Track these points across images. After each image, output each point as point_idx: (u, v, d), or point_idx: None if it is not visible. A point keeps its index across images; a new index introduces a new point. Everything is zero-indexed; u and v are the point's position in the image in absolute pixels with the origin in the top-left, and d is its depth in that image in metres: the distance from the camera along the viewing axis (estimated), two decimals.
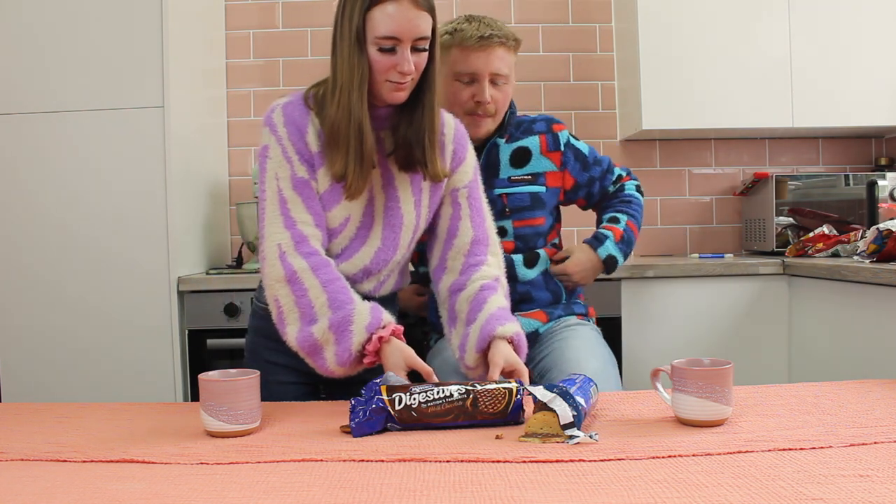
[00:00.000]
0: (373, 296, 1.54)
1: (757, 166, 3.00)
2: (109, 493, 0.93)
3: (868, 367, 1.97)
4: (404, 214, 1.53)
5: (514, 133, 1.88)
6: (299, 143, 1.45)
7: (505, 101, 1.80)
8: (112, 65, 2.28)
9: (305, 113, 1.47)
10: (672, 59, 2.66)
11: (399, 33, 1.38)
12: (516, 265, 1.83)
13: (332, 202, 1.48)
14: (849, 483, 0.90)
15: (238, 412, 1.17)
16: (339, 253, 1.51)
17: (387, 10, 1.37)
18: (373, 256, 1.52)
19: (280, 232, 1.43)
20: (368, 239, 1.52)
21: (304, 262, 1.41)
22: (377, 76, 1.42)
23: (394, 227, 1.53)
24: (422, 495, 0.89)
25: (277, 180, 1.45)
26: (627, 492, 0.89)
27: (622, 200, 1.95)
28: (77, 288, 2.29)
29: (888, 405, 1.27)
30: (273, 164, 1.45)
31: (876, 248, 2.05)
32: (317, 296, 1.40)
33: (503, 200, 1.82)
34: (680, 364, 1.19)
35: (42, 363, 2.30)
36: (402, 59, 1.39)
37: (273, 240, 1.43)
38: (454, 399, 1.20)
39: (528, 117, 1.92)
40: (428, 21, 1.42)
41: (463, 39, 1.75)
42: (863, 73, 2.66)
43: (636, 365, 2.31)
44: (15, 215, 2.29)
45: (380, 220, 1.52)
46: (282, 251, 1.41)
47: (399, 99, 1.45)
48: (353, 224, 1.50)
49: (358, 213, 1.50)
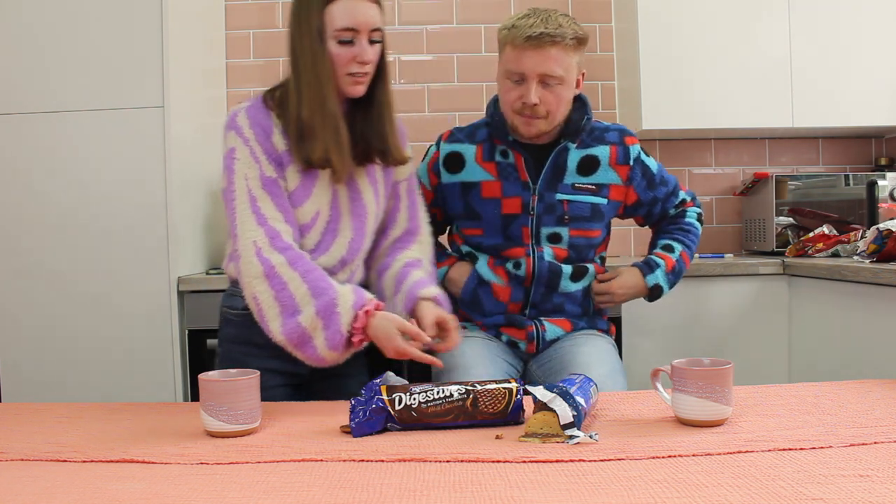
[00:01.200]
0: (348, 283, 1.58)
1: (757, 166, 3.00)
2: (109, 493, 0.93)
3: (868, 367, 1.97)
4: (367, 204, 1.60)
5: (586, 139, 1.81)
6: (266, 143, 1.50)
7: (559, 103, 1.69)
8: (112, 65, 2.27)
9: (268, 115, 1.52)
10: (672, 59, 2.66)
11: (357, 24, 1.46)
12: (563, 277, 1.80)
13: (303, 198, 1.53)
14: (849, 483, 0.90)
15: (238, 412, 1.17)
16: (314, 247, 1.55)
17: (344, 4, 1.46)
18: (348, 247, 1.58)
19: (254, 229, 1.46)
20: (339, 231, 1.57)
21: (281, 256, 1.44)
22: (338, 70, 1.49)
23: (360, 216, 1.59)
24: (422, 495, 0.89)
25: (247, 180, 1.48)
26: (627, 492, 0.89)
27: (681, 228, 1.92)
28: (77, 288, 2.29)
29: (888, 405, 1.27)
30: (241, 165, 1.49)
31: (876, 248, 2.05)
32: (297, 287, 1.43)
33: (563, 207, 1.77)
34: (680, 364, 1.19)
35: (42, 363, 2.30)
36: (361, 50, 1.48)
37: (248, 237, 1.45)
38: (454, 399, 1.20)
39: (601, 124, 1.85)
40: (379, 13, 1.50)
41: (515, 37, 1.65)
42: (863, 73, 2.66)
43: (636, 365, 2.30)
44: (15, 215, 2.29)
45: (346, 212, 1.58)
46: (257, 248, 1.44)
47: (358, 92, 1.52)
48: (322, 218, 1.55)
49: (326, 208, 1.55)
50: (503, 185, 1.77)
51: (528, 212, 1.77)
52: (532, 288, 1.79)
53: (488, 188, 1.78)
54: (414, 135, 2.93)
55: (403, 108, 2.95)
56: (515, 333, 1.81)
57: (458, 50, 2.97)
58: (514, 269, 1.78)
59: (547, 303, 1.81)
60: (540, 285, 1.79)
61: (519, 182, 1.77)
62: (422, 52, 2.97)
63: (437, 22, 2.97)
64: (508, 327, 1.82)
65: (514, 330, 1.81)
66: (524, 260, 1.78)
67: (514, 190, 1.77)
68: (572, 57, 1.68)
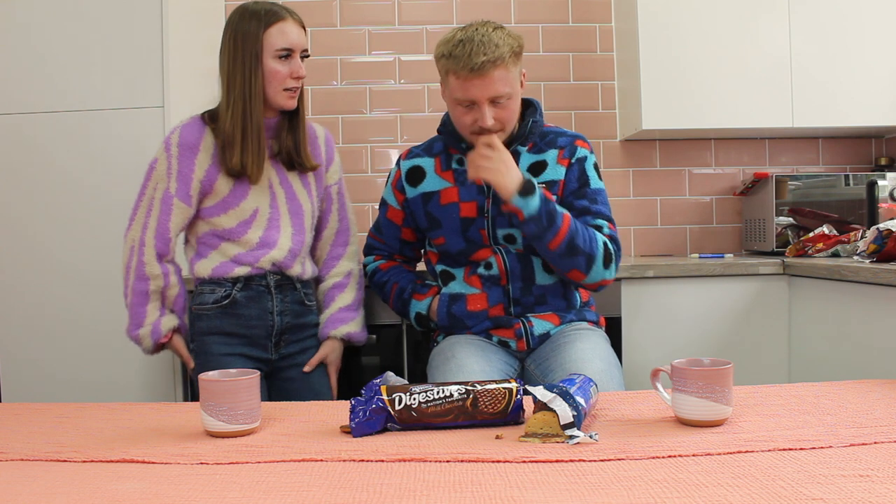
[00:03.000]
0: (301, 278, 1.90)
1: (757, 166, 3.00)
2: (109, 493, 0.93)
3: (868, 367, 1.97)
4: (302, 203, 1.89)
5: (539, 143, 1.85)
6: (186, 160, 1.79)
7: (510, 116, 1.75)
8: (112, 65, 2.28)
9: (201, 131, 1.82)
10: (672, 59, 2.66)
11: (292, 45, 1.78)
12: (536, 268, 1.83)
13: (240, 197, 1.82)
14: (849, 483, 0.90)
15: (238, 412, 1.17)
16: (259, 242, 1.83)
17: (282, 28, 1.76)
18: (292, 240, 1.86)
19: (138, 231, 1.82)
20: (281, 227, 1.85)
21: (138, 259, 1.83)
22: (275, 85, 1.77)
23: (298, 213, 1.88)
24: (422, 495, 0.89)
25: (154, 190, 1.81)
26: (627, 492, 0.89)
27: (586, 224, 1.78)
28: (77, 288, 2.29)
29: (888, 405, 1.27)
30: (156, 175, 1.81)
31: (876, 248, 2.05)
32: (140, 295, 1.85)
33: None
34: (680, 364, 1.19)
35: (42, 363, 2.30)
36: (297, 66, 1.79)
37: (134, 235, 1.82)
38: (454, 399, 1.20)
39: (557, 130, 1.88)
40: (305, 36, 1.83)
41: (457, 69, 1.68)
42: (863, 73, 2.66)
43: (636, 365, 2.30)
44: (15, 215, 2.29)
45: (285, 210, 1.86)
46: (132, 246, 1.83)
47: (293, 105, 1.81)
48: (263, 215, 1.84)
49: (266, 206, 1.84)
50: (460, 191, 1.84)
51: (483, 214, 1.82)
52: (509, 285, 1.83)
53: (446, 195, 1.85)
54: (414, 134, 2.96)
55: (403, 108, 2.96)
56: (504, 333, 1.84)
57: None
58: (486, 271, 1.83)
59: (528, 296, 1.84)
60: (516, 279, 1.83)
61: (474, 187, 1.83)
62: (422, 52, 2.97)
63: (437, 22, 2.97)
64: (496, 329, 1.85)
65: (503, 330, 1.84)
66: (493, 259, 1.83)
67: (469, 195, 1.83)
68: (513, 70, 1.72)
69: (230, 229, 1.82)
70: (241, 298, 1.83)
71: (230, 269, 1.83)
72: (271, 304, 1.85)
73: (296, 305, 1.89)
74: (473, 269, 1.85)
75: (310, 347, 1.92)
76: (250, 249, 1.83)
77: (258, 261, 1.83)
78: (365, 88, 2.96)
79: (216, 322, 1.83)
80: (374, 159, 2.97)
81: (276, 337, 1.87)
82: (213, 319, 1.83)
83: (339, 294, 1.95)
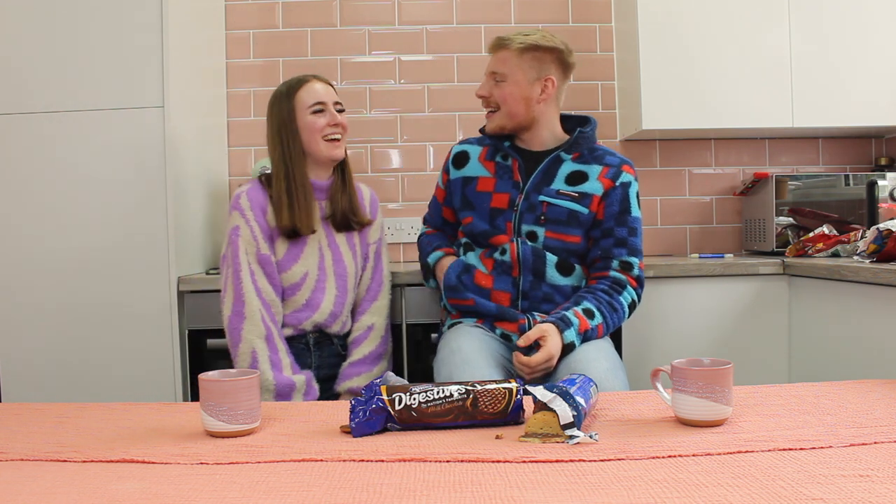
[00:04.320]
0: (340, 334, 2.01)
1: (757, 166, 3.00)
2: (109, 493, 0.93)
3: (868, 367, 1.97)
4: (347, 265, 2.01)
5: (586, 155, 1.94)
6: (262, 220, 1.91)
7: (504, 98, 1.92)
8: (112, 65, 2.27)
9: (265, 194, 1.94)
10: (672, 59, 2.66)
11: (322, 98, 1.94)
12: (548, 264, 1.89)
13: (291, 261, 1.94)
14: (849, 483, 0.90)
15: (238, 412, 1.17)
16: (304, 304, 1.94)
17: (308, 88, 1.94)
18: (335, 302, 1.97)
19: (255, 300, 1.87)
20: (326, 289, 1.96)
21: (275, 328, 1.88)
22: (314, 137, 1.91)
23: (342, 276, 1.99)
24: (422, 495, 0.89)
25: (247, 255, 1.90)
26: (627, 492, 0.89)
27: (611, 304, 1.85)
28: (77, 288, 2.29)
29: (888, 405, 1.27)
30: (243, 241, 1.90)
31: (876, 248, 2.05)
32: (284, 356, 1.89)
33: (542, 208, 1.89)
34: (680, 364, 1.19)
35: (42, 363, 2.29)
36: (331, 115, 1.94)
37: (254, 305, 1.86)
38: (454, 399, 1.20)
39: (608, 150, 1.98)
40: (333, 91, 1.98)
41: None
42: (863, 73, 2.65)
43: (636, 365, 2.30)
44: (15, 215, 2.29)
45: (331, 272, 1.98)
46: (262, 315, 1.86)
47: (338, 155, 1.95)
48: (311, 279, 1.95)
49: (314, 269, 1.95)
50: (497, 182, 1.95)
51: (512, 208, 1.90)
52: (520, 277, 1.89)
53: (483, 183, 1.97)
54: (414, 134, 2.96)
55: (403, 108, 2.96)
56: (508, 326, 1.88)
57: (458, 50, 2.97)
58: (500, 256, 1.91)
59: (536, 291, 1.89)
60: (527, 272, 1.88)
61: (511, 181, 1.94)
62: (422, 52, 2.97)
63: (437, 22, 2.97)
64: (501, 321, 1.89)
65: (507, 323, 1.88)
66: (508, 246, 1.90)
67: (505, 187, 1.94)
68: (520, 60, 1.89)
69: (283, 291, 1.95)
70: None
71: None
72: (310, 360, 1.98)
73: (332, 358, 2.02)
74: (490, 251, 1.93)
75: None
76: (295, 311, 1.95)
77: (301, 323, 1.95)
78: (365, 88, 2.96)
79: None
80: (374, 159, 2.97)
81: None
82: None
83: (356, 348, 2.02)
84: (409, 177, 2.97)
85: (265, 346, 1.85)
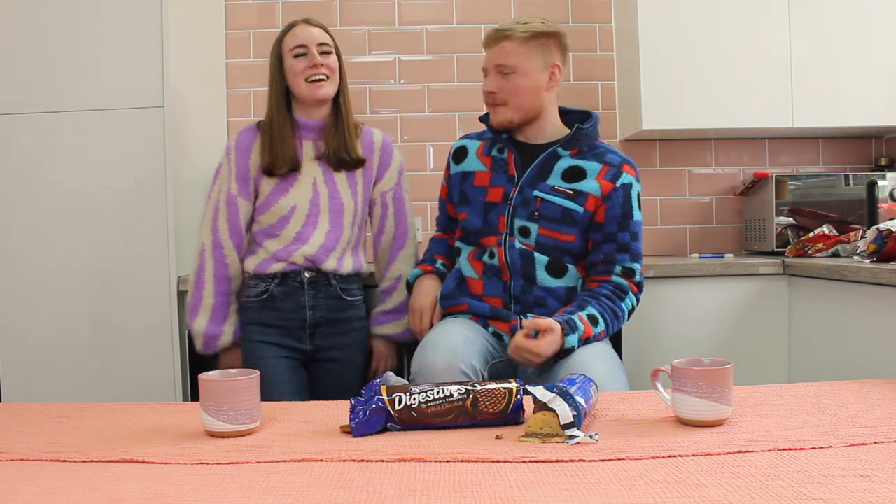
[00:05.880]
0: (338, 272, 2.00)
1: (757, 166, 3.00)
2: (109, 493, 0.93)
3: (868, 367, 1.97)
4: (344, 201, 2.01)
5: (585, 152, 1.89)
6: (243, 161, 2.00)
7: (515, 91, 1.85)
8: (112, 65, 2.27)
9: (254, 134, 2.02)
10: (672, 59, 2.66)
11: (304, 41, 1.96)
12: (537, 266, 1.84)
13: (279, 195, 1.98)
14: (849, 483, 0.90)
15: (238, 412, 1.18)
16: (295, 237, 1.97)
17: (293, 31, 1.98)
18: (326, 236, 1.99)
19: (207, 234, 2.01)
20: (318, 224, 1.99)
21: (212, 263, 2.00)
22: (297, 79, 1.95)
23: (338, 212, 2.01)
24: (422, 495, 0.89)
25: (219, 193, 2.01)
26: (627, 492, 0.89)
27: (613, 311, 1.82)
28: (77, 288, 2.29)
29: (888, 405, 1.27)
30: (220, 179, 2.02)
31: (876, 248, 2.05)
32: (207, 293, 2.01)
33: (536, 203, 1.84)
34: (680, 364, 1.19)
35: (42, 363, 2.29)
36: (311, 56, 1.94)
37: (203, 238, 2.02)
38: (454, 399, 1.20)
39: (610, 148, 1.91)
40: (323, 32, 1.99)
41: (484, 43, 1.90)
42: (863, 74, 2.65)
43: (636, 365, 2.30)
44: (15, 215, 2.29)
45: (326, 208, 2.00)
46: (202, 249, 2.01)
47: (321, 95, 1.96)
48: (300, 213, 1.98)
49: (305, 203, 1.98)
50: (492, 176, 1.93)
51: (506, 201, 1.88)
52: (511, 281, 1.86)
53: (480, 177, 1.95)
54: (414, 134, 2.96)
55: (403, 108, 2.96)
56: (500, 326, 1.87)
57: (458, 50, 2.97)
58: (489, 260, 1.89)
59: (528, 295, 1.86)
60: (517, 276, 1.86)
61: (506, 175, 1.91)
62: (422, 52, 2.97)
63: (437, 22, 2.97)
64: (494, 320, 1.88)
65: (500, 323, 1.87)
66: (496, 249, 1.87)
67: (500, 181, 1.91)
68: (526, 49, 1.83)
69: (271, 226, 1.99)
70: (278, 293, 1.98)
71: (269, 265, 1.98)
72: (304, 298, 1.98)
73: (331, 301, 2.01)
74: (479, 253, 1.91)
75: (348, 343, 2.04)
76: (285, 245, 1.97)
77: (290, 256, 1.97)
78: (365, 88, 2.96)
79: (257, 314, 1.99)
80: None
81: (311, 329, 2.00)
82: (254, 311, 2.00)
83: (388, 298, 2.09)
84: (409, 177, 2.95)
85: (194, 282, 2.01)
